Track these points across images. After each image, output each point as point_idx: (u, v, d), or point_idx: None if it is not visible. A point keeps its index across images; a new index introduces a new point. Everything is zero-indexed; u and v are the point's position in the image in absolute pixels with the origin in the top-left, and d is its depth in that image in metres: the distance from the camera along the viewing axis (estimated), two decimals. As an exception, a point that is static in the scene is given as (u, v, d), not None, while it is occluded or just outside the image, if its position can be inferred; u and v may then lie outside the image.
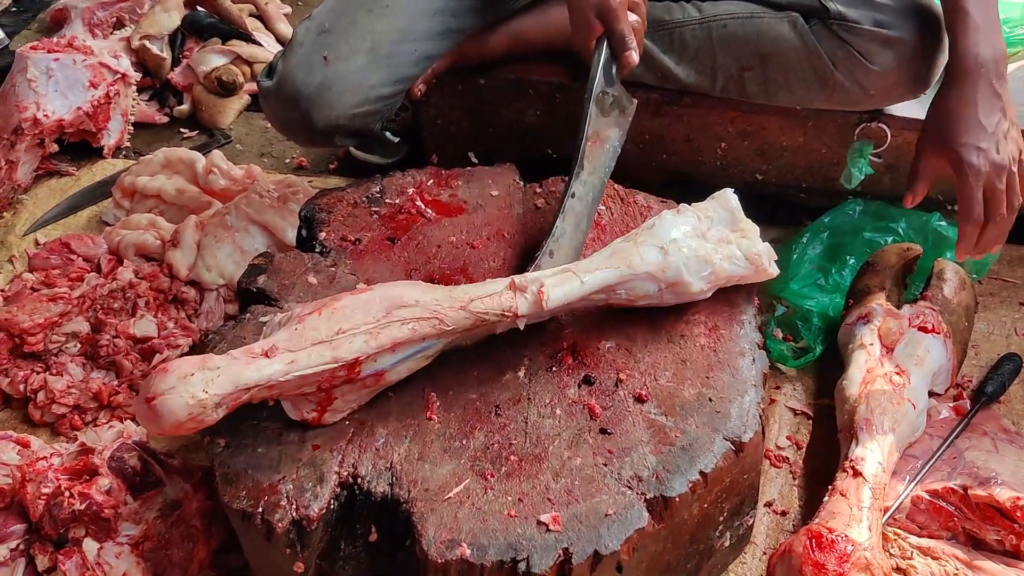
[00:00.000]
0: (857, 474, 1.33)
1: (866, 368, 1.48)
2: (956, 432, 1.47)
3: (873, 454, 1.36)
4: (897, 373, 1.47)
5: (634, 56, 1.44)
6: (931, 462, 1.42)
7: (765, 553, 1.41)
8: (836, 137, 1.79)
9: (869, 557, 1.21)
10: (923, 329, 1.52)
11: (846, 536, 1.22)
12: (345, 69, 1.64)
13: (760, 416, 1.23)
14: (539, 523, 1.08)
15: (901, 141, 1.77)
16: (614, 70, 1.47)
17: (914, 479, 1.40)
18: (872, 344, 1.51)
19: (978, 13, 1.42)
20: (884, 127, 1.74)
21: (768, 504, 1.47)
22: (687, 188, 1.94)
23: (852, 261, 1.76)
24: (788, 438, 1.57)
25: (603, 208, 1.53)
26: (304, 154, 2.28)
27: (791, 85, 1.69)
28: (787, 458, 1.54)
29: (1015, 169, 1.42)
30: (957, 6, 1.43)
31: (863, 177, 1.76)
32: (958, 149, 1.41)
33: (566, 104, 1.84)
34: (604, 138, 1.47)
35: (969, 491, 1.35)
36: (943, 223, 1.78)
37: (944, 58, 1.62)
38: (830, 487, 1.34)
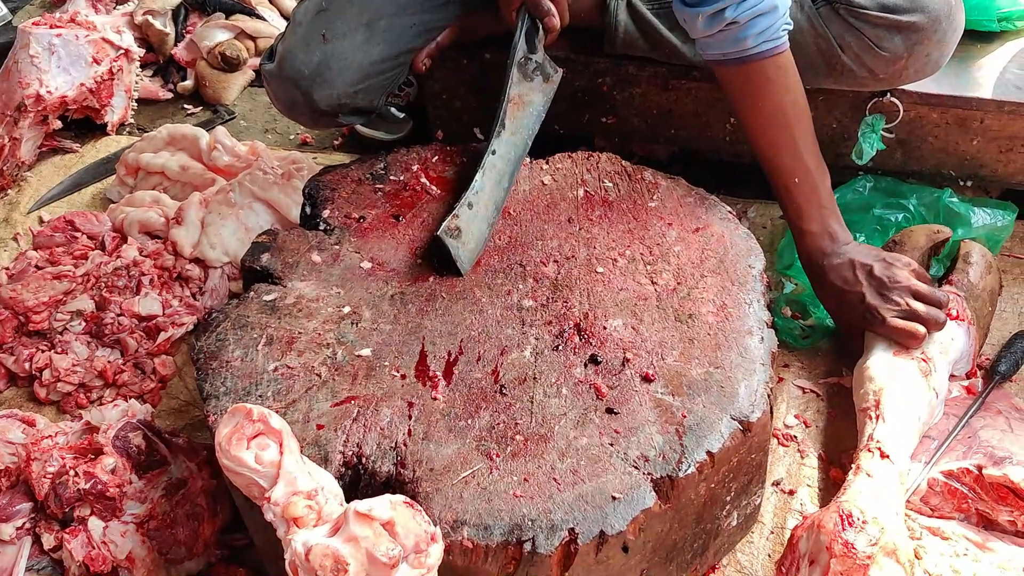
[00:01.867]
0: (884, 456, 1.31)
1: (892, 351, 1.45)
2: (970, 413, 1.45)
3: (899, 439, 1.34)
4: (923, 360, 1.44)
5: (555, 21, 1.53)
6: (947, 442, 1.41)
7: (773, 532, 1.40)
8: (847, 112, 1.76)
9: (897, 543, 1.19)
10: (948, 316, 1.48)
11: (875, 518, 1.20)
12: (344, 46, 1.62)
13: (768, 396, 1.21)
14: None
15: (914, 115, 1.74)
16: (537, 38, 1.55)
17: (930, 461, 1.39)
18: None
19: (816, 225, 1.51)
20: (896, 102, 1.71)
21: (776, 483, 1.46)
22: (695, 163, 1.93)
23: (862, 238, 1.73)
24: (796, 417, 1.56)
25: (610, 184, 1.52)
26: (308, 130, 2.26)
27: (798, 67, 1.65)
28: (795, 437, 1.53)
29: (907, 278, 1.47)
30: (799, 228, 1.53)
31: (875, 152, 1.74)
32: (859, 317, 1.49)
33: (572, 78, 1.82)
34: (527, 102, 1.55)
35: (983, 471, 1.34)
36: (955, 199, 1.75)
37: (956, 38, 1.59)
38: (854, 465, 1.32)
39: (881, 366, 1.44)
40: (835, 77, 1.64)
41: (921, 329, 1.43)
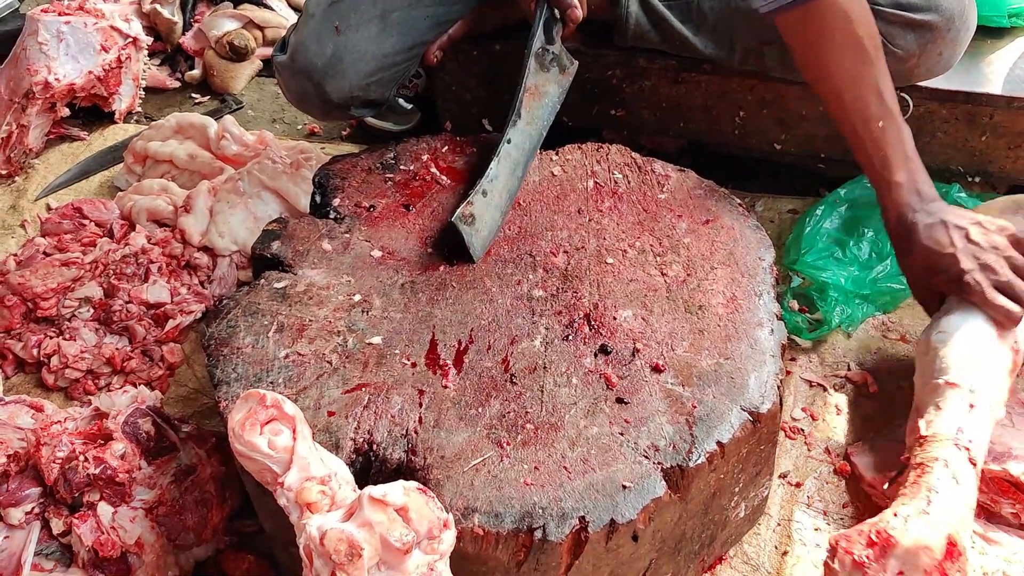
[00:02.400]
0: (972, 463, 1.19)
1: (982, 332, 1.30)
2: None
3: (984, 438, 1.23)
4: (1014, 351, 1.32)
5: (578, 13, 1.52)
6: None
7: (779, 524, 1.41)
8: (857, 106, 1.76)
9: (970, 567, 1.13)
10: None
11: (967, 548, 1.11)
12: (357, 38, 1.62)
13: (778, 387, 1.22)
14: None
15: (923, 111, 1.74)
16: (555, 30, 1.55)
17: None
18: None
19: (904, 176, 1.38)
20: (907, 97, 1.71)
21: (783, 476, 1.47)
22: (704, 157, 1.93)
23: (870, 234, 1.74)
24: (803, 410, 1.56)
25: (620, 176, 1.52)
26: (316, 120, 2.26)
27: None
28: (802, 430, 1.53)
29: (1007, 246, 1.33)
30: (884, 180, 1.40)
31: (884, 147, 1.74)
32: (952, 283, 1.34)
33: (582, 70, 1.81)
34: (542, 92, 1.55)
35: (984, 466, 1.34)
36: (963, 195, 1.76)
37: (968, 37, 1.59)
38: (932, 460, 1.19)
39: (974, 341, 1.28)
40: None
41: (1018, 310, 1.29)
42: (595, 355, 1.24)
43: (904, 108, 1.73)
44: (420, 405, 1.17)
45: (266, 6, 2.47)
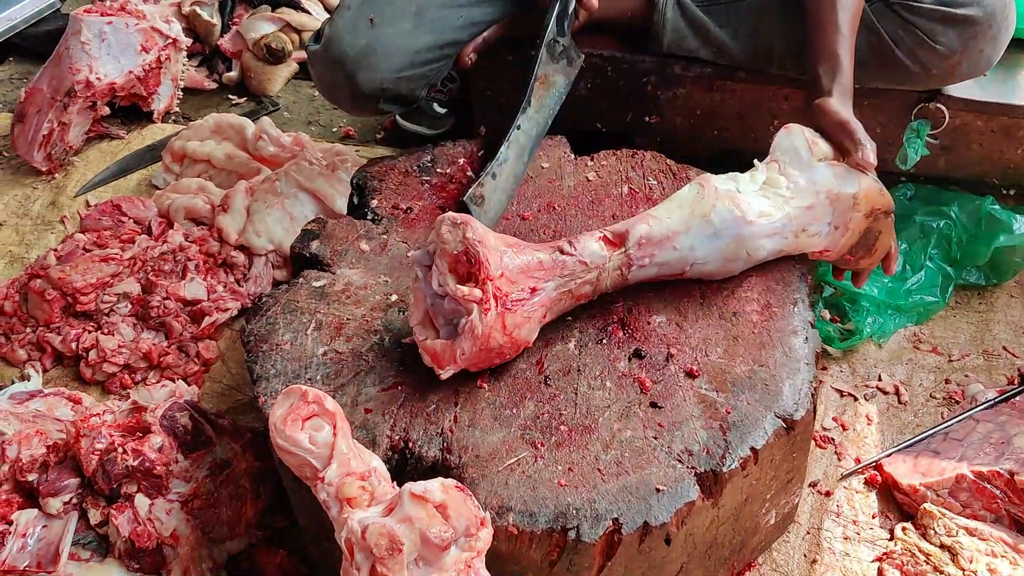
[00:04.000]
0: None
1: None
2: (980, 408, 1.46)
3: None
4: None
5: (593, 3, 1.59)
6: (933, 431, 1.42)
7: (809, 533, 1.41)
8: (892, 117, 1.76)
9: None
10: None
11: None
12: (390, 32, 1.64)
13: (812, 395, 1.22)
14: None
15: (959, 122, 1.74)
16: (567, 21, 1.59)
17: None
18: None
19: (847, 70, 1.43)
20: (942, 108, 1.71)
21: (813, 484, 1.47)
22: (738, 165, 1.93)
23: (904, 246, 1.74)
24: (834, 419, 1.56)
25: (654, 182, 1.53)
26: (351, 123, 2.29)
27: None
28: (832, 439, 1.53)
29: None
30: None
31: (918, 158, 1.74)
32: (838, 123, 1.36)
33: (617, 77, 1.83)
34: (551, 83, 1.60)
35: (1015, 476, 1.34)
36: (996, 207, 1.75)
37: (1009, 36, 1.59)
38: None
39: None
40: (887, 74, 1.64)
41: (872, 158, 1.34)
42: (629, 359, 1.25)
43: (939, 120, 1.73)
44: (455, 404, 1.19)
45: (303, 9, 2.50)
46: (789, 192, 1.29)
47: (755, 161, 1.35)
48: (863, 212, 1.33)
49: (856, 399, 1.60)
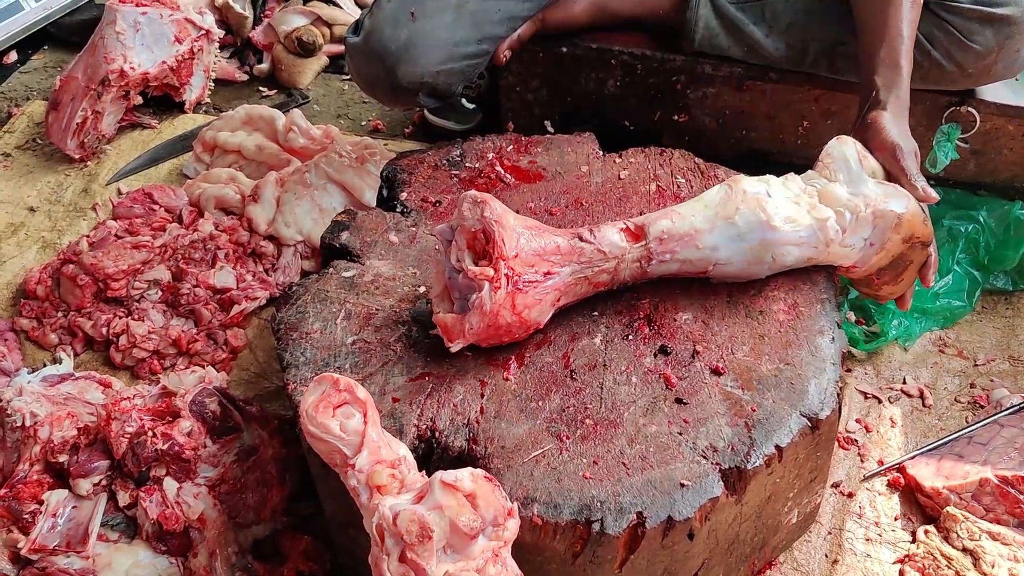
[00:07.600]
0: None
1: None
2: (1005, 413, 1.47)
3: None
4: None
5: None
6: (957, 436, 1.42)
7: (830, 533, 1.41)
8: (923, 120, 1.75)
9: None
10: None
11: None
12: (431, 25, 1.65)
13: (838, 394, 1.22)
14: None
15: (990, 127, 1.73)
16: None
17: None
18: None
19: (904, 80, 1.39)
20: (973, 111, 1.70)
21: (835, 485, 1.47)
22: (765, 166, 1.93)
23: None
24: (858, 421, 1.56)
25: (683, 180, 1.53)
26: (380, 117, 2.31)
27: None
28: (856, 441, 1.53)
29: None
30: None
31: (948, 162, 1.73)
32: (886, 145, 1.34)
33: (646, 75, 1.83)
34: None
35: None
36: (1026, 212, 1.74)
37: None
38: None
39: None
40: (922, 74, 1.63)
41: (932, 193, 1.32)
42: (655, 355, 1.26)
43: (970, 124, 1.72)
44: (482, 396, 1.20)
45: (335, 3, 2.51)
46: (838, 200, 1.28)
47: (808, 171, 1.33)
48: (902, 236, 1.31)
49: (880, 401, 1.60)
